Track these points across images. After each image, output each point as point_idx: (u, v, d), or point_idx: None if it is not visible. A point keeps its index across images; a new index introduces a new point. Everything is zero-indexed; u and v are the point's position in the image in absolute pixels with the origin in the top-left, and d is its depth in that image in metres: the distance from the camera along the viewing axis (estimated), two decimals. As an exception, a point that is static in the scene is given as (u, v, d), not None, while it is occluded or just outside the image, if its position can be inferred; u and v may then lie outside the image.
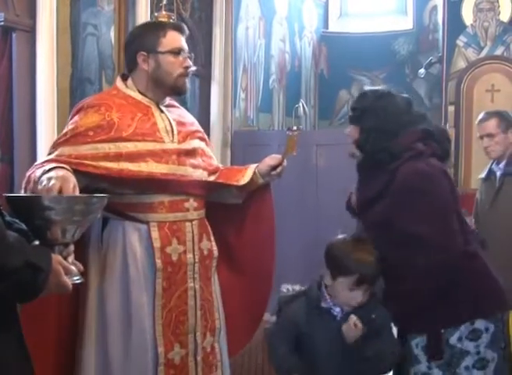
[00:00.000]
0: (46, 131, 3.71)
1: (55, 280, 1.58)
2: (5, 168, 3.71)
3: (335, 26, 8.92)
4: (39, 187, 2.05)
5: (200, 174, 2.61)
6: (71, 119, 2.49)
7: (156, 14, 4.67)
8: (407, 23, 8.48)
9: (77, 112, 2.49)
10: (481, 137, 3.75)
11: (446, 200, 2.33)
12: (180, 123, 2.61)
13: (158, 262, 2.46)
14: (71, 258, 1.74)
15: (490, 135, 3.66)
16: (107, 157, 2.36)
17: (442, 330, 2.31)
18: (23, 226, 1.70)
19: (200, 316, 2.57)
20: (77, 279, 1.72)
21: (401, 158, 2.32)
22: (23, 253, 1.50)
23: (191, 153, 2.59)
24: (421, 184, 2.28)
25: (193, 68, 2.61)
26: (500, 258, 3.18)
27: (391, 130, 2.36)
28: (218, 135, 5.94)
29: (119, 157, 2.38)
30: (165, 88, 2.56)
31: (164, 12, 4.67)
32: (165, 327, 2.47)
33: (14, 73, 3.69)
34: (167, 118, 2.57)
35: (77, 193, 1.98)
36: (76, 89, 4.19)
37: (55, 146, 2.42)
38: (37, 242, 1.70)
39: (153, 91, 2.55)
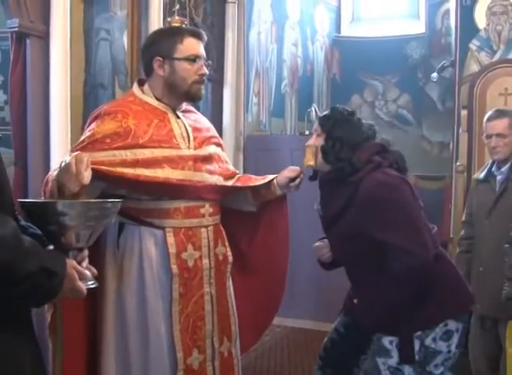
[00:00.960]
0: (59, 136, 3.73)
1: (69, 284, 1.59)
2: (19, 173, 3.73)
3: (347, 31, 8.92)
4: (58, 173, 2.10)
5: (216, 180, 2.61)
6: (88, 126, 2.50)
7: (169, 19, 4.72)
8: (419, 27, 8.46)
9: (94, 119, 2.49)
10: (489, 137, 3.53)
11: (411, 206, 2.41)
12: (196, 129, 2.61)
13: (174, 267, 2.47)
14: (85, 263, 1.75)
15: (500, 135, 3.44)
16: (124, 163, 2.37)
17: (419, 333, 2.39)
18: (38, 231, 1.71)
19: (217, 321, 2.58)
20: (91, 283, 1.73)
21: (362, 170, 2.42)
22: (37, 258, 1.51)
23: (207, 159, 2.60)
24: (384, 194, 2.37)
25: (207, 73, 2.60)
26: (492, 263, 3.16)
27: (354, 143, 2.49)
28: (230, 140, 5.95)
29: (135, 163, 2.38)
30: (180, 94, 2.55)
31: (177, 17, 4.72)
32: (183, 333, 2.48)
33: (28, 78, 3.71)
34: (183, 124, 2.57)
35: (89, 173, 2.04)
36: (90, 94, 4.21)
37: (73, 152, 2.42)
38: (51, 247, 1.71)
39: (168, 97, 2.55)
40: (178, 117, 2.57)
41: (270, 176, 2.79)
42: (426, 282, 2.38)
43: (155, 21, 4.68)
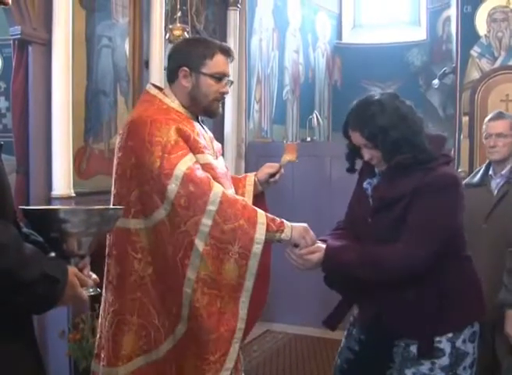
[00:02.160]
0: (61, 143, 3.74)
1: (70, 292, 1.59)
2: (21, 179, 3.74)
3: (348, 38, 8.94)
4: None
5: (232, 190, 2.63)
6: (135, 136, 2.33)
7: (170, 26, 4.74)
8: (420, 34, 8.48)
9: (143, 128, 2.33)
10: (488, 136, 3.47)
11: (457, 212, 2.38)
12: (211, 139, 2.62)
13: None
14: (87, 270, 1.75)
15: (500, 135, 3.40)
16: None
17: (451, 335, 2.34)
18: (40, 238, 1.71)
19: None
20: (93, 291, 1.73)
21: (436, 160, 2.33)
22: (39, 265, 1.51)
23: (227, 174, 2.62)
24: (451, 192, 2.32)
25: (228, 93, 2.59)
26: (491, 266, 3.13)
27: (415, 129, 2.36)
28: (232, 146, 5.97)
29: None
30: (199, 108, 2.52)
31: (178, 25, 4.75)
32: None
33: (30, 85, 3.73)
34: (206, 133, 2.57)
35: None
36: (91, 101, 4.22)
37: (169, 169, 2.26)
38: (53, 254, 1.71)
39: (192, 107, 2.51)
40: (202, 126, 2.58)
41: (250, 175, 2.82)
42: (456, 282, 2.36)
43: (157, 28, 4.69)
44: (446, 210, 2.31)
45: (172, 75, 2.52)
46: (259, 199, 2.84)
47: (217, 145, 2.66)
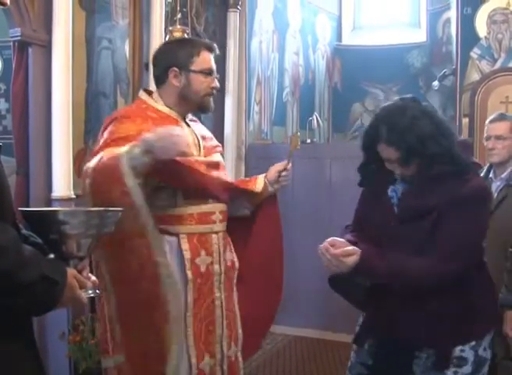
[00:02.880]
0: (61, 145, 3.74)
1: (69, 293, 1.59)
2: (21, 181, 3.74)
3: (348, 39, 8.94)
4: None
5: None
6: (104, 130, 2.49)
7: (170, 28, 4.74)
8: (420, 36, 8.48)
9: (111, 122, 2.48)
10: (488, 138, 3.45)
11: (485, 223, 2.35)
12: (203, 138, 2.67)
13: (189, 273, 2.51)
14: (86, 272, 1.75)
15: (500, 137, 3.36)
16: None
17: (474, 343, 2.30)
18: (39, 240, 1.71)
19: (226, 326, 2.62)
20: (92, 293, 1.73)
21: (466, 173, 2.25)
22: (38, 266, 1.51)
23: (216, 166, 2.66)
24: (482, 204, 2.29)
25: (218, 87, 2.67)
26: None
27: (451, 138, 2.25)
28: (232, 148, 5.96)
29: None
30: (192, 106, 2.61)
31: (178, 27, 4.74)
32: (197, 337, 2.52)
33: (30, 87, 3.73)
34: (193, 132, 2.61)
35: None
36: (91, 103, 4.22)
37: (97, 152, 2.37)
38: (52, 256, 1.71)
39: (179, 107, 2.59)
40: (188, 126, 2.61)
41: (260, 176, 2.86)
42: (480, 289, 2.33)
43: (157, 30, 4.70)
44: (481, 223, 2.27)
45: (161, 77, 2.60)
46: (271, 201, 2.86)
47: (210, 145, 2.69)
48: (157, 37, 4.69)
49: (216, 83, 2.63)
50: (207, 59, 2.58)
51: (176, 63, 2.54)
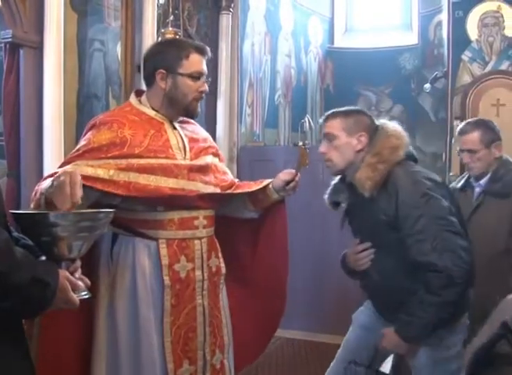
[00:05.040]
0: (53, 147, 3.73)
1: (62, 295, 1.58)
2: (12, 183, 3.72)
3: (340, 42, 8.96)
4: (49, 190, 1.99)
5: (212, 191, 2.60)
6: (84, 135, 2.49)
7: (163, 30, 4.73)
8: (412, 38, 8.50)
9: (90, 128, 2.48)
10: (462, 152, 3.30)
11: None
12: (193, 140, 2.60)
13: (166, 279, 2.45)
14: (78, 274, 1.74)
15: (471, 151, 3.21)
16: (118, 167, 2.36)
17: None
18: (30, 242, 1.71)
19: (209, 333, 2.57)
20: (84, 294, 1.72)
21: None
22: (30, 269, 1.50)
23: (203, 169, 2.58)
24: None
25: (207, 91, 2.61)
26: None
27: None
28: (224, 150, 5.95)
29: (130, 168, 2.37)
30: (178, 109, 2.54)
31: (170, 29, 4.74)
32: (174, 344, 2.46)
33: (21, 88, 3.72)
34: (179, 135, 2.56)
35: (81, 192, 1.87)
36: (83, 105, 4.21)
37: (68, 161, 2.41)
38: (43, 258, 1.70)
39: (166, 109, 2.54)
40: (174, 128, 2.57)
41: (266, 181, 2.78)
42: None
43: (149, 32, 4.69)
44: None
45: (149, 78, 2.57)
46: (278, 208, 2.84)
47: (198, 146, 2.63)
48: (149, 39, 4.68)
49: (205, 87, 2.55)
50: (196, 62, 2.51)
51: (164, 65, 2.48)
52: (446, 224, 2.36)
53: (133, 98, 2.60)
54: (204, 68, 2.55)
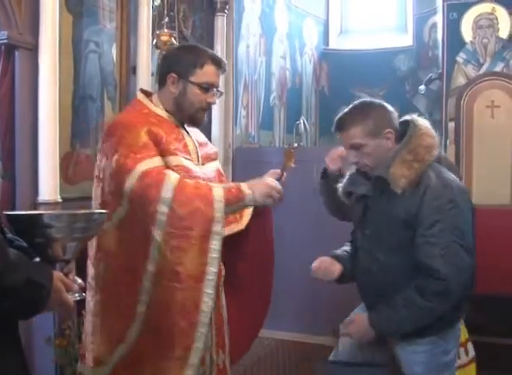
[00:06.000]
0: (48, 148, 3.72)
1: (56, 297, 1.58)
2: (7, 185, 3.71)
3: (335, 44, 8.98)
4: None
5: None
6: (109, 137, 2.39)
7: (158, 32, 4.74)
8: (407, 40, 8.53)
9: (115, 130, 2.39)
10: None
11: None
12: (200, 145, 2.61)
13: None
14: (72, 275, 1.74)
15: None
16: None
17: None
18: (24, 244, 1.71)
19: (215, 334, 2.57)
20: (79, 295, 1.72)
21: None
22: (24, 270, 1.51)
23: (212, 180, 2.56)
24: None
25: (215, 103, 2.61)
26: None
27: None
28: (219, 152, 5.94)
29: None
30: (184, 115, 2.53)
31: (166, 30, 4.75)
32: None
33: (16, 90, 3.71)
34: (191, 139, 2.56)
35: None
36: (78, 106, 4.21)
37: (125, 164, 2.27)
38: (38, 259, 1.70)
39: (176, 113, 2.52)
40: (187, 132, 2.57)
41: None
42: None
43: (144, 34, 4.69)
44: None
45: (161, 80, 2.54)
46: (265, 211, 2.81)
47: (206, 152, 2.64)
48: (144, 41, 4.68)
49: (214, 100, 2.55)
50: (209, 73, 2.49)
51: (177, 70, 2.47)
52: (461, 238, 2.33)
53: (144, 99, 2.54)
54: (217, 80, 2.54)
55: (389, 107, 2.55)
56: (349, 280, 2.70)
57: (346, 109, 2.56)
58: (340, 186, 2.68)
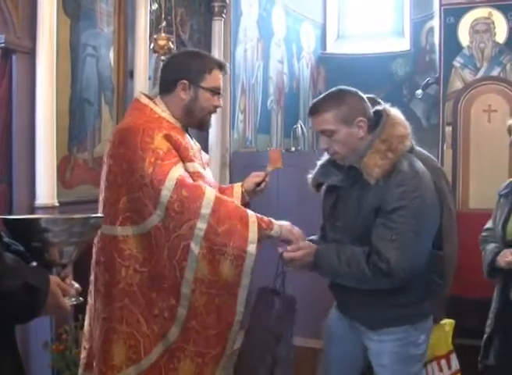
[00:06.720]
0: (45, 152, 3.72)
1: (53, 301, 1.58)
2: (4, 189, 3.71)
3: (332, 48, 8.99)
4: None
5: None
6: (122, 142, 2.36)
7: (155, 36, 4.74)
8: (404, 45, 8.54)
9: (129, 134, 2.37)
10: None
11: None
12: (199, 150, 2.64)
13: None
14: (69, 280, 1.74)
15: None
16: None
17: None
18: (21, 248, 1.70)
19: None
20: (76, 300, 1.72)
21: None
22: (20, 275, 1.50)
23: (216, 186, 2.65)
24: None
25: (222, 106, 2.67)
26: None
27: None
28: (216, 156, 5.97)
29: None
30: (193, 121, 2.55)
31: (163, 34, 4.75)
32: None
33: (14, 94, 3.71)
34: (196, 145, 2.60)
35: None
36: (76, 110, 4.21)
37: (162, 175, 2.29)
38: (34, 263, 1.70)
39: (183, 120, 2.53)
40: (191, 138, 2.59)
41: (237, 185, 2.84)
42: None
43: (142, 38, 4.70)
44: None
45: (169, 86, 2.54)
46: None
47: (205, 156, 2.70)
48: (141, 45, 4.69)
49: (220, 103, 2.61)
50: (217, 78, 2.56)
51: (187, 76, 2.50)
52: (419, 228, 2.30)
53: (152, 104, 2.53)
54: (222, 84, 2.62)
55: (364, 96, 2.55)
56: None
57: (321, 95, 2.57)
58: (310, 177, 2.65)
